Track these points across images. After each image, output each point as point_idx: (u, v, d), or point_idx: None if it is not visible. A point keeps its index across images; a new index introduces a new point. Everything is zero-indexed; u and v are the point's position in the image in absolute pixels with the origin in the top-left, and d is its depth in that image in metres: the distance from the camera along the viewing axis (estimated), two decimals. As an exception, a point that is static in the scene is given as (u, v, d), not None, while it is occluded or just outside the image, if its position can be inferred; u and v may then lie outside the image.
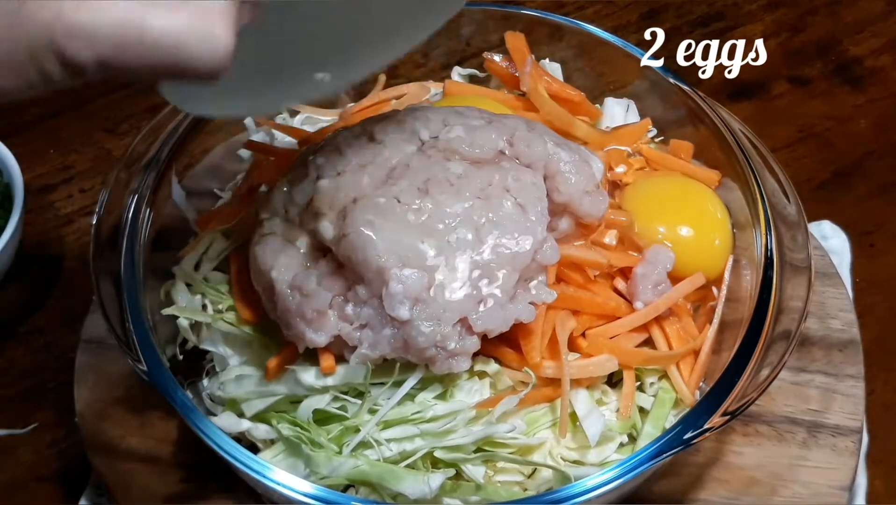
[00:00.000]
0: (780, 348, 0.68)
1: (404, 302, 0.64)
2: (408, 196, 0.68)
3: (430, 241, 0.66)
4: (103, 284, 0.73)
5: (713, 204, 0.80)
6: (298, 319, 0.67)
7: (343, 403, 0.70)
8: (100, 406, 0.80)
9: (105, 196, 0.77)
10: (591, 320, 0.73)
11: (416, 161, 0.70)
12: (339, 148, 0.73)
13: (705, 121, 0.82)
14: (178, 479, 0.76)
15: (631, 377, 0.72)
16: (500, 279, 0.66)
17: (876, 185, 1.03)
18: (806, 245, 0.74)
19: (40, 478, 0.85)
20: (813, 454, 0.76)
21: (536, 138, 0.73)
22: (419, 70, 0.99)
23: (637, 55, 0.86)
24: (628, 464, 0.63)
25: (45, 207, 1.06)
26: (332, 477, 0.67)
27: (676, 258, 0.74)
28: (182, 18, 0.46)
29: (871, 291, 0.93)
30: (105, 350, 0.83)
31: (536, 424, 0.70)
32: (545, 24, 0.90)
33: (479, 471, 0.68)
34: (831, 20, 1.19)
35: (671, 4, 1.22)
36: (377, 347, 0.67)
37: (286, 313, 0.68)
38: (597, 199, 0.73)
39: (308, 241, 0.70)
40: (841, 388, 0.79)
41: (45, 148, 1.11)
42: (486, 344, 0.68)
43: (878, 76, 1.13)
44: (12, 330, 0.96)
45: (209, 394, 0.75)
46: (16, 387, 0.92)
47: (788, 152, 1.06)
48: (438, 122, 0.73)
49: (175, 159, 0.82)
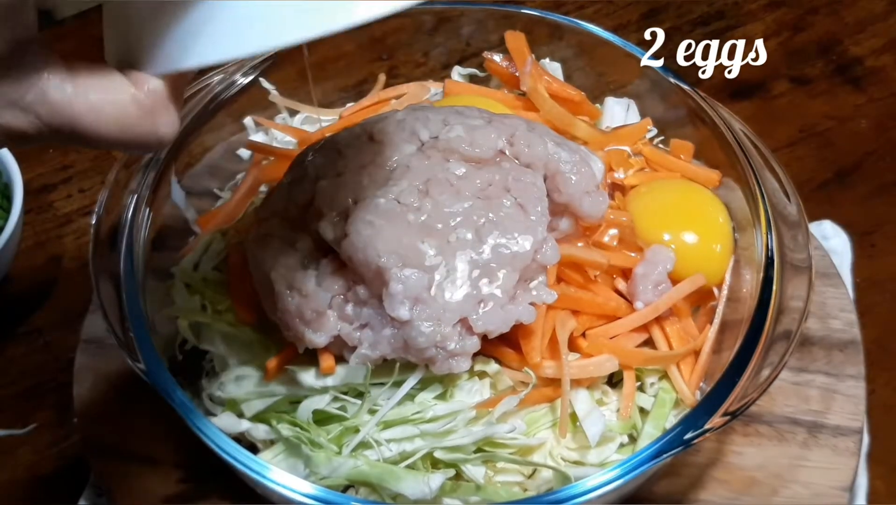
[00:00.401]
0: (781, 348, 0.68)
1: (404, 302, 0.64)
2: (408, 196, 0.68)
3: (430, 242, 0.66)
4: (103, 284, 0.73)
5: (715, 209, 0.80)
6: (297, 320, 0.67)
7: (343, 404, 0.70)
8: (99, 406, 0.79)
9: (104, 196, 0.77)
10: (592, 320, 0.73)
11: (416, 161, 0.70)
12: (338, 148, 0.73)
13: (706, 120, 0.82)
14: (177, 479, 0.76)
15: (631, 377, 0.72)
16: (500, 279, 0.66)
17: (877, 184, 1.03)
18: (807, 245, 0.74)
19: (40, 478, 0.85)
20: (813, 454, 0.76)
21: (537, 138, 0.72)
22: (419, 70, 0.99)
23: (637, 55, 0.85)
24: (628, 464, 0.63)
25: (44, 207, 1.06)
26: (331, 477, 0.67)
27: (679, 263, 0.74)
28: (114, 127, 0.46)
29: (872, 291, 0.93)
30: (104, 350, 0.83)
31: (536, 424, 0.70)
32: (545, 24, 0.90)
33: (479, 471, 0.68)
34: (832, 20, 1.19)
35: (671, 4, 1.22)
36: (377, 348, 0.66)
37: (285, 314, 0.68)
38: (597, 199, 0.72)
39: (308, 242, 0.70)
40: (841, 388, 0.79)
41: (45, 148, 1.11)
42: (486, 344, 0.68)
43: (878, 76, 1.13)
44: (12, 330, 0.96)
45: (209, 394, 0.75)
46: (15, 387, 0.91)
47: (789, 152, 1.06)
48: (438, 122, 0.73)
49: (174, 159, 0.82)
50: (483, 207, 0.68)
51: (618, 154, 0.83)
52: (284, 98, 0.91)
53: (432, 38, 0.94)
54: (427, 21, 0.93)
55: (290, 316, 0.68)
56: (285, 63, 0.89)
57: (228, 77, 0.86)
